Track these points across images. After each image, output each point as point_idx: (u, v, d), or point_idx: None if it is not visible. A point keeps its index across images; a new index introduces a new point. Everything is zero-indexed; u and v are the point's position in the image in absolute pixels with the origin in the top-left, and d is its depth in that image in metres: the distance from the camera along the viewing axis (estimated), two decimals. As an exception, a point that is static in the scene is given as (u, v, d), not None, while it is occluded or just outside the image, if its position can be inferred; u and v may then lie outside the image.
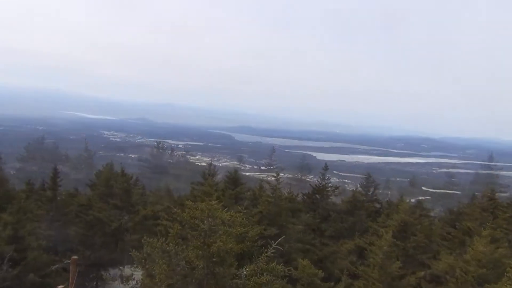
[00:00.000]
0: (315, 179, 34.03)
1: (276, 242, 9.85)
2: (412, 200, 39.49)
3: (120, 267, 23.99)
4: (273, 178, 24.67)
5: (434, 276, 19.19)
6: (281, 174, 26.68)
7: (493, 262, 14.96)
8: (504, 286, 10.85)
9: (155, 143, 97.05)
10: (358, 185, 32.38)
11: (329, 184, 31.31)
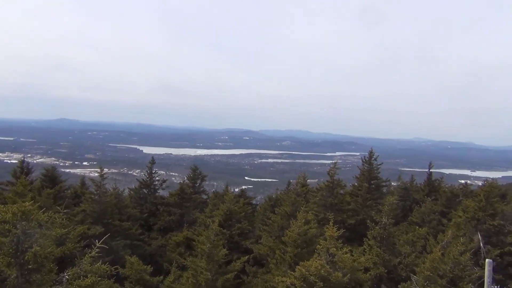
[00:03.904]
0: (142, 173, 33.34)
1: (101, 241, 9.39)
2: (236, 190, 41.66)
3: None
4: (96, 174, 23.36)
5: (257, 259, 20.64)
6: (106, 170, 25.43)
7: (306, 242, 16.72)
8: (315, 261, 12.49)
9: None
10: (185, 178, 32.70)
11: (156, 178, 31.09)
